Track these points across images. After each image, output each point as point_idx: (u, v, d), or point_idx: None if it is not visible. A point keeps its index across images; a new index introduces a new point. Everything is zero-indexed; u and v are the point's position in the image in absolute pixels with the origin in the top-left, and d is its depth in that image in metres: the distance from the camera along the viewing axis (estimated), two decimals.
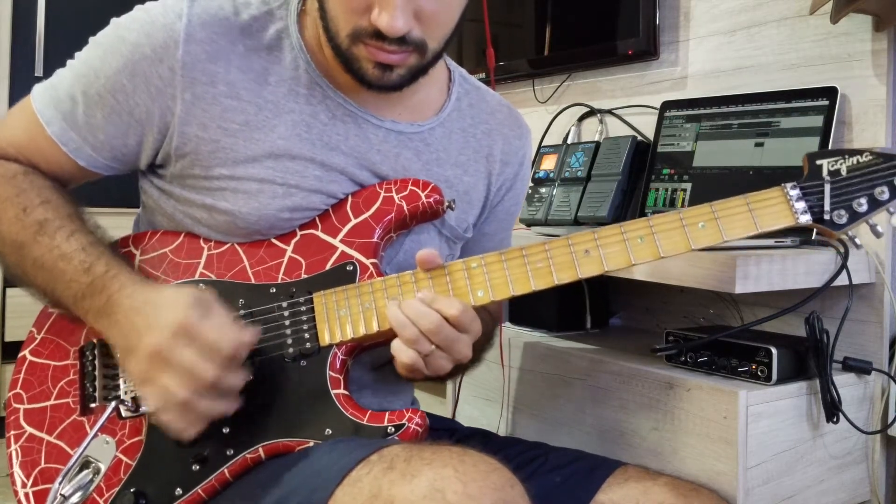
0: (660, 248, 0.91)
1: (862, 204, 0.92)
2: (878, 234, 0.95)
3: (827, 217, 0.92)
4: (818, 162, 0.94)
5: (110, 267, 0.91)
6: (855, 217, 0.92)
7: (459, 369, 1.00)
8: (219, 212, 0.95)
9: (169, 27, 0.92)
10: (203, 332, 0.84)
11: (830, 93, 1.29)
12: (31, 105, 0.97)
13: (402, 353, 0.88)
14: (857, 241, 0.96)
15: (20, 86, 2.38)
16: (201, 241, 0.98)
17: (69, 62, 0.98)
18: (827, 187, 0.92)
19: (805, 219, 0.92)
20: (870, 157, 0.93)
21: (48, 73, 0.99)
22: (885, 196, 0.92)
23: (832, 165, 0.93)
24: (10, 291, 2.20)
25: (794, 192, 0.93)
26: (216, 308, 0.87)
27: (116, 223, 1.06)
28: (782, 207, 0.92)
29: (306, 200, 0.97)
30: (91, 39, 0.97)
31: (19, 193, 0.95)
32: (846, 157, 0.94)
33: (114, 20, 0.97)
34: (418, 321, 0.87)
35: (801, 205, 0.92)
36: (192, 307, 0.85)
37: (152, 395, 0.85)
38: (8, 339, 2.24)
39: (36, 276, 0.93)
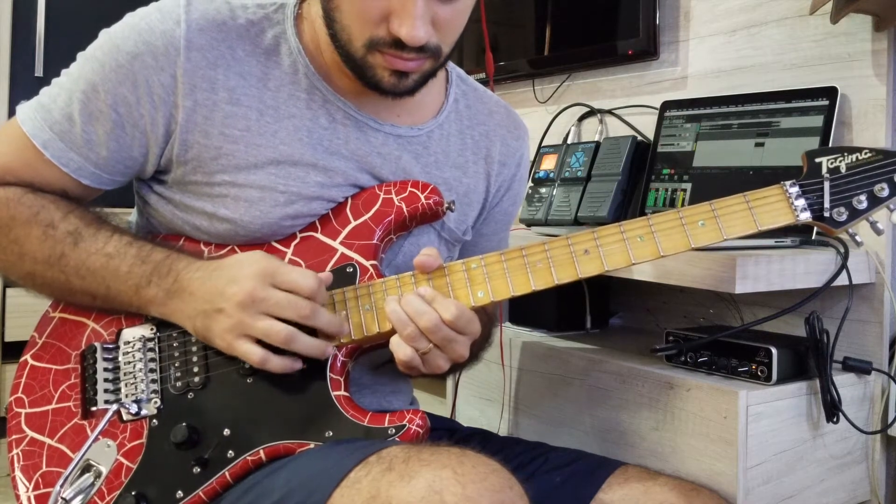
0: (660, 247, 0.91)
1: (862, 201, 0.92)
2: (878, 232, 0.94)
3: (827, 214, 0.92)
4: (817, 159, 0.94)
5: (168, 252, 0.93)
6: (855, 214, 0.92)
7: (457, 367, 1.01)
8: (220, 219, 0.95)
9: (168, 34, 0.92)
10: (285, 272, 0.87)
11: (830, 93, 1.29)
12: (19, 129, 0.94)
13: (399, 349, 0.88)
14: (858, 238, 0.95)
15: (20, 86, 2.38)
16: (201, 245, 0.98)
17: (57, 80, 0.96)
18: (826, 185, 0.92)
19: (805, 216, 0.92)
20: (869, 154, 0.92)
21: (48, 73, 0.98)
22: (885, 193, 0.92)
23: (831, 163, 0.93)
24: (10, 291, 2.20)
25: (794, 190, 0.92)
26: (283, 261, 0.91)
27: None
28: (782, 205, 0.92)
29: (307, 207, 0.96)
30: (81, 55, 0.95)
31: (38, 212, 0.94)
32: (845, 154, 0.93)
33: (105, 32, 0.94)
34: (417, 319, 0.87)
35: (800, 202, 0.92)
36: (266, 258, 0.89)
37: (250, 348, 0.87)
38: (8, 339, 2.23)
39: (83, 281, 0.93)
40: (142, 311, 0.94)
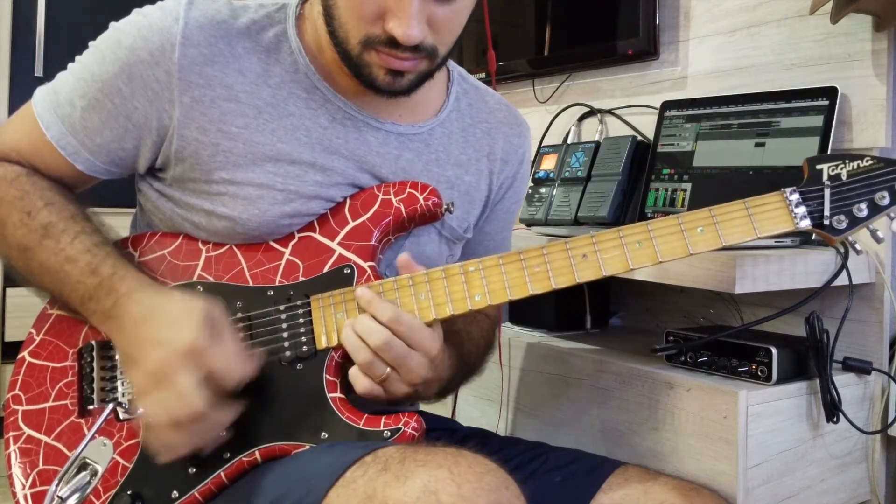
0: (658, 253, 0.90)
1: (862, 209, 0.91)
2: (878, 240, 0.94)
3: (826, 222, 0.91)
4: (818, 166, 0.93)
5: (117, 268, 0.91)
6: (855, 222, 0.92)
7: (452, 386, 1.01)
8: (218, 217, 0.95)
9: (165, 31, 0.92)
10: (210, 359, 0.84)
11: (830, 93, 1.28)
12: (32, 109, 0.97)
13: (357, 380, 0.88)
14: (858, 246, 0.95)
15: (20, 86, 2.38)
16: (199, 244, 0.98)
17: (70, 65, 0.98)
18: (827, 192, 0.92)
19: (805, 224, 0.91)
20: (870, 162, 0.92)
21: (48, 73, 0.99)
22: (886, 201, 0.91)
23: (832, 170, 0.93)
24: (10, 291, 2.20)
25: (794, 197, 0.92)
26: (226, 331, 0.88)
27: (115, 223, 1.05)
28: (782, 212, 0.92)
29: (306, 206, 0.96)
30: (91, 43, 0.97)
31: (23, 196, 0.95)
32: (847, 161, 0.93)
33: (112, 24, 0.96)
34: (367, 338, 0.87)
35: (800, 210, 0.91)
36: (203, 327, 0.85)
37: (147, 408, 0.85)
38: (8, 339, 2.24)
39: (43, 279, 0.94)
40: (88, 322, 0.94)
